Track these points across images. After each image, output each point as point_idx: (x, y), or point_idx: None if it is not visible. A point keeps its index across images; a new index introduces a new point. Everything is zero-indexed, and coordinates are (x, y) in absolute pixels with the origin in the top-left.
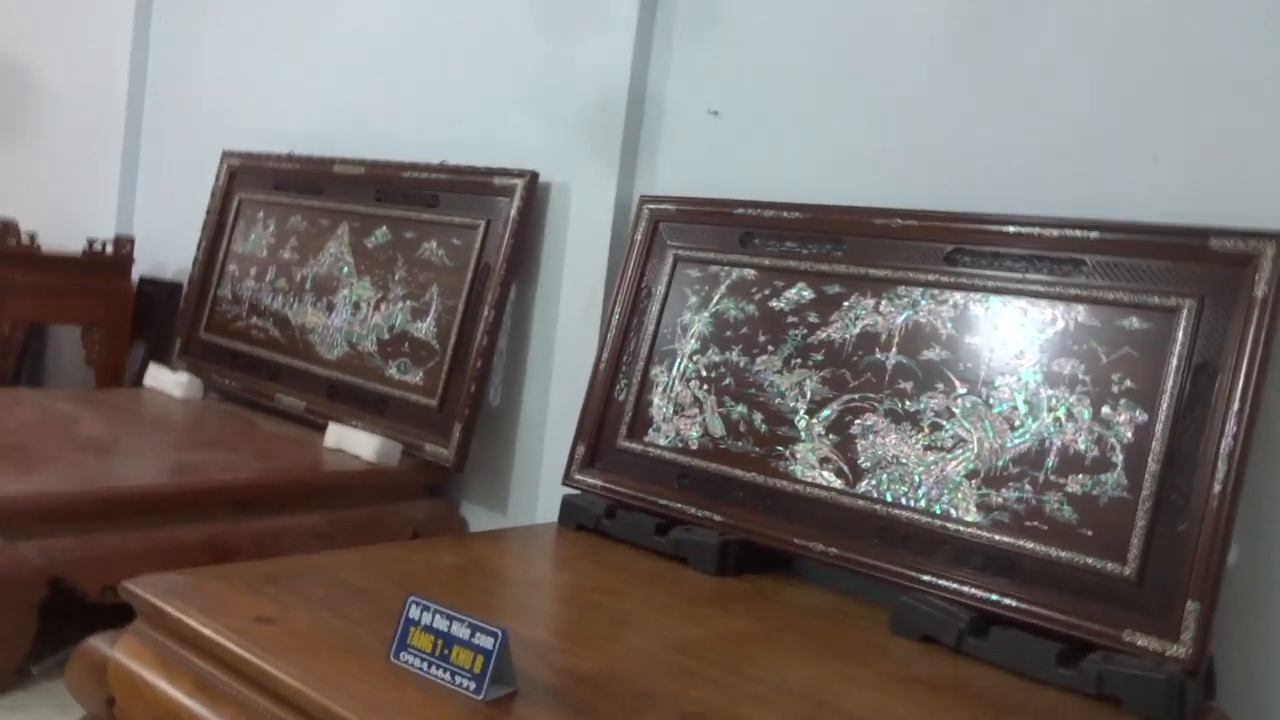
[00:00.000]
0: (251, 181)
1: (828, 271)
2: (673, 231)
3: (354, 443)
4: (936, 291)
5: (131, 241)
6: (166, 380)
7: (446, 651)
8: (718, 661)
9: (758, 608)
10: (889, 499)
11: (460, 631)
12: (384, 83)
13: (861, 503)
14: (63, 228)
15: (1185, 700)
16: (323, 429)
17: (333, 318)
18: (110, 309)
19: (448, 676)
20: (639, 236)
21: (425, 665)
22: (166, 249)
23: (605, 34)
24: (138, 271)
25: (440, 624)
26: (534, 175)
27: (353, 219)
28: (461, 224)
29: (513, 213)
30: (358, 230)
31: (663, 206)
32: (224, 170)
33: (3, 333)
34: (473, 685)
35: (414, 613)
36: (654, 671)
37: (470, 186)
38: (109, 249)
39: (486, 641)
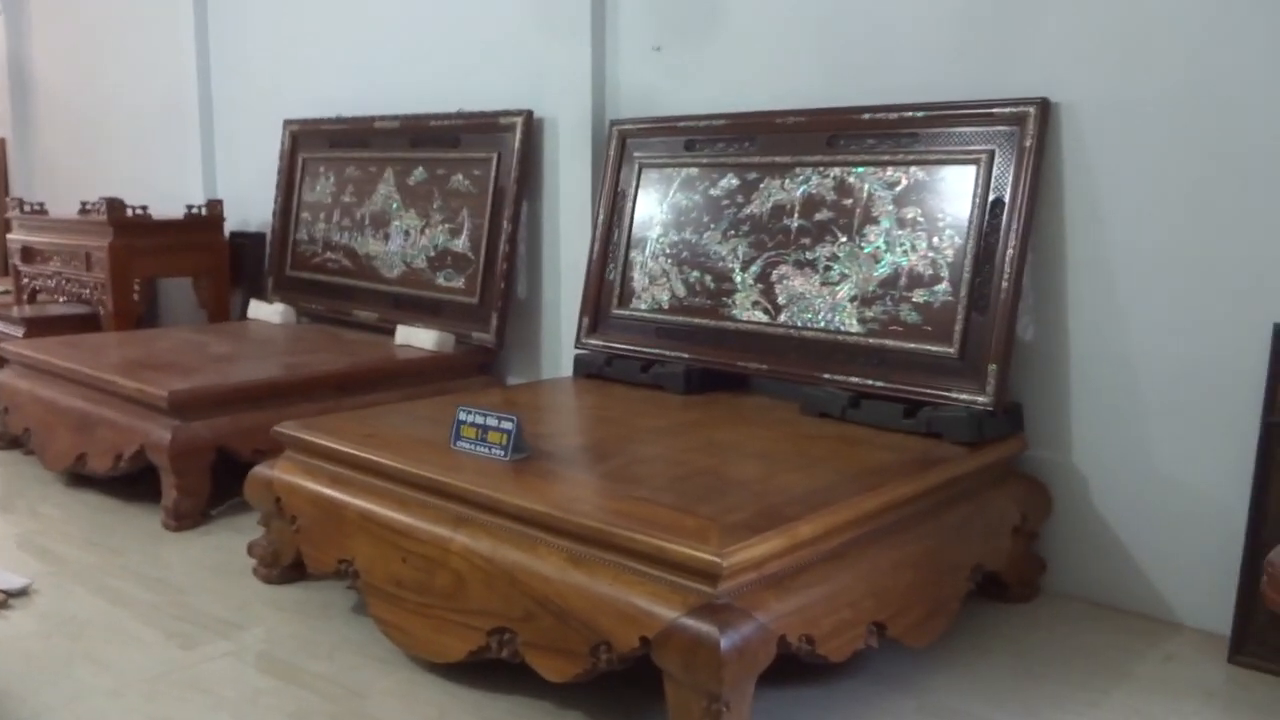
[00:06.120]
0: (311, 142)
1: (746, 162)
2: (636, 145)
3: (418, 338)
4: (822, 169)
5: (221, 203)
6: (266, 311)
7: (484, 435)
8: (667, 435)
9: (709, 410)
10: (799, 324)
11: (491, 422)
12: (405, 48)
13: (781, 330)
14: (163, 200)
15: (984, 428)
16: (393, 334)
17: (389, 244)
18: (212, 260)
19: (486, 450)
20: (611, 152)
21: (472, 446)
22: (248, 207)
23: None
24: (228, 228)
25: (478, 419)
26: (529, 113)
27: (395, 164)
28: (479, 158)
29: (516, 144)
30: (400, 172)
31: (627, 126)
32: (287, 135)
33: (132, 288)
34: (501, 453)
35: (462, 415)
36: (621, 442)
37: (482, 127)
38: (204, 211)
39: (507, 425)
